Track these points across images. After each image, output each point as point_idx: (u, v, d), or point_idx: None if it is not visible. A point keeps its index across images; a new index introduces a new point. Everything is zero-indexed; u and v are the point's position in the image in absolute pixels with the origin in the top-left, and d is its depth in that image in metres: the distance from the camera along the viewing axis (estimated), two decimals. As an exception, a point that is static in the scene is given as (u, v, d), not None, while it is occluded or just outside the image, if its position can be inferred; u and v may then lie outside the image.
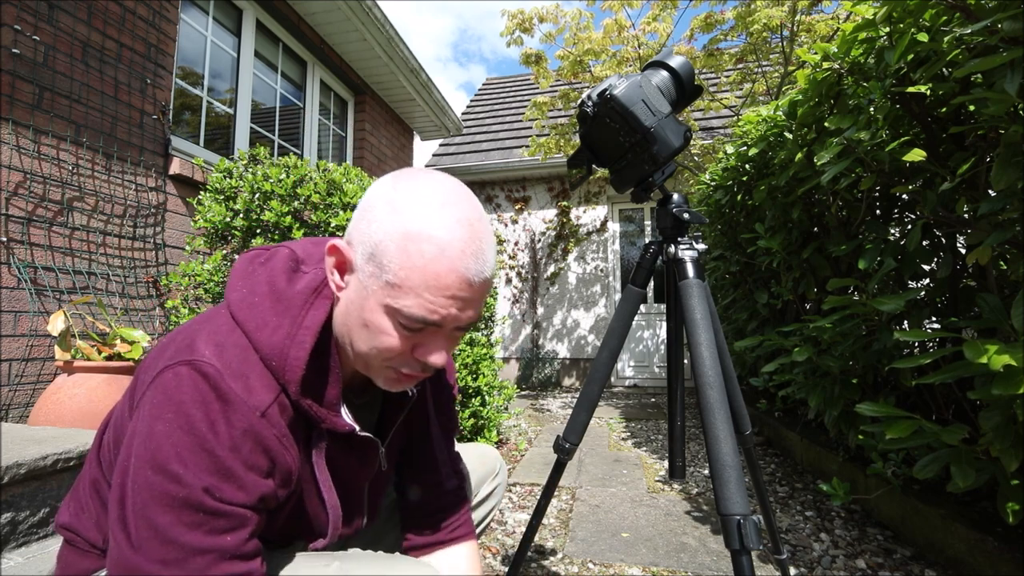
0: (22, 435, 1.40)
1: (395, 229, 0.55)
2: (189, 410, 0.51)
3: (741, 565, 0.73)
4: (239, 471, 0.52)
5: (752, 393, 3.19)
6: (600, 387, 1.05)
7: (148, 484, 0.49)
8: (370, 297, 0.57)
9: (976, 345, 0.99)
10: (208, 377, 0.53)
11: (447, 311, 0.56)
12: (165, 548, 0.48)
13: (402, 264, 0.54)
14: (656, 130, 0.89)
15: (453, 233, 0.55)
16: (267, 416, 0.55)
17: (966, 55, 1.16)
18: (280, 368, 0.57)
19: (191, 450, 0.50)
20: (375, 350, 0.59)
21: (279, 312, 0.60)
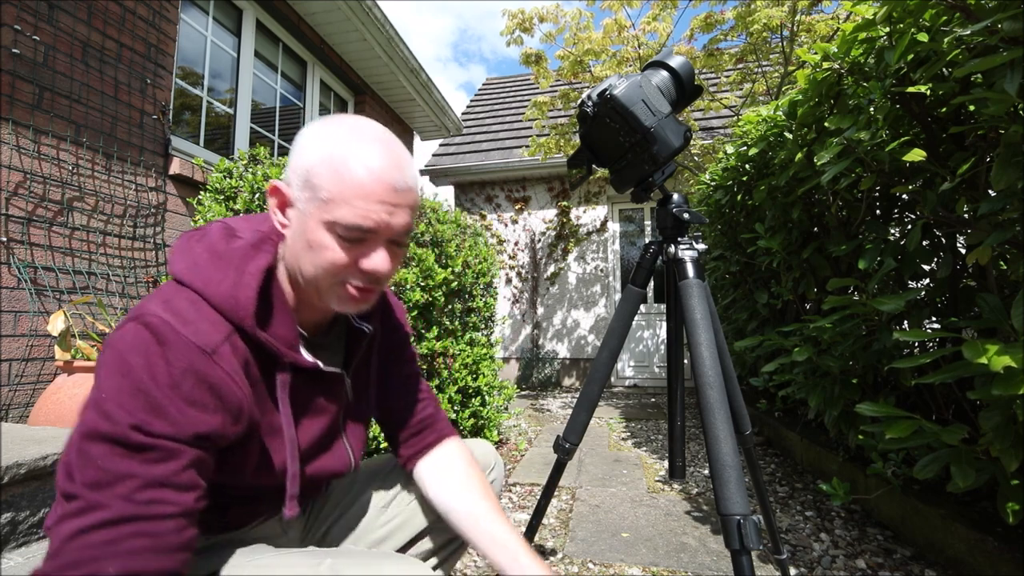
0: (22, 435, 1.40)
1: (323, 155, 0.62)
2: (128, 357, 0.55)
3: (741, 565, 0.73)
4: (173, 408, 0.55)
5: (752, 393, 3.19)
6: (600, 387, 1.05)
7: (84, 422, 0.54)
8: (310, 219, 0.63)
9: (975, 345, 0.99)
10: (150, 326, 0.57)
11: (378, 216, 0.62)
12: (96, 473, 0.52)
13: (332, 181, 0.61)
14: (656, 130, 0.89)
15: (372, 149, 0.63)
16: (216, 354, 0.59)
17: (966, 55, 1.16)
18: (231, 309, 0.61)
19: (128, 393, 0.54)
20: (322, 268, 0.64)
21: (222, 268, 0.64)
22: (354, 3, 3.53)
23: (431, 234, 2.31)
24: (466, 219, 2.81)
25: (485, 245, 2.88)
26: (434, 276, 2.17)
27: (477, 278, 2.63)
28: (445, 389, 2.22)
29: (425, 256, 2.16)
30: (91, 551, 0.50)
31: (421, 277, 2.15)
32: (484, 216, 6.57)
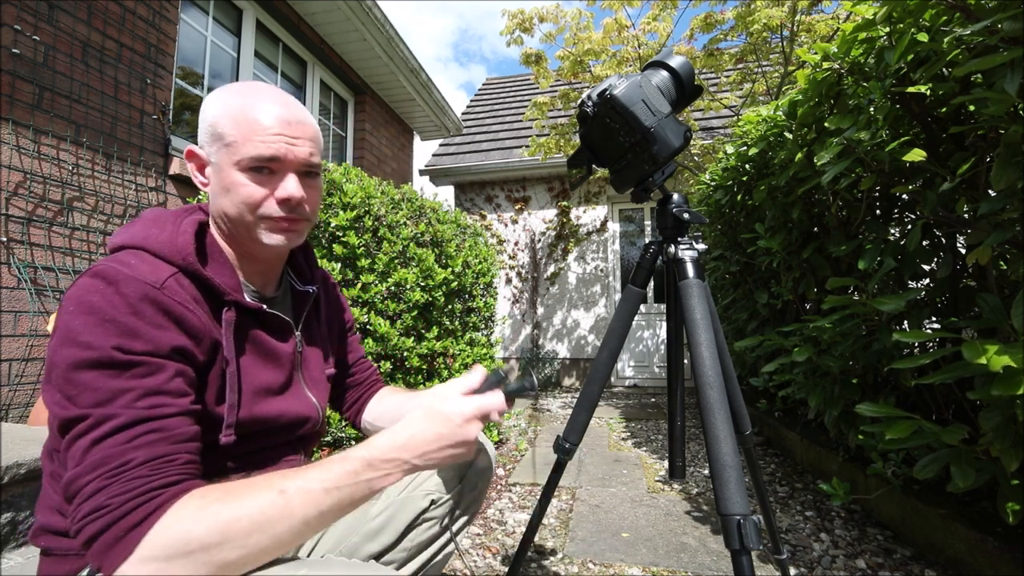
0: (22, 435, 1.40)
1: (222, 109, 0.70)
2: (87, 298, 0.59)
3: (741, 565, 0.73)
4: (143, 329, 0.59)
5: (752, 393, 3.19)
6: (600, 387, 1.05)
7: (66, 357, 0.56)
8: (223, 165, 0.70)
9: (975, 345, 0.99)
10: (98, 274, 0.60)
11: (279, 145, 0.70)
12: (93, 394, 0.55)
13: (233, 125, 0.69)
14: (656, 130, 0.89)
15: (263, 95, 0.72)
16: (164, 287, 0.62)
17: (966, 55, 1.16)
18: (171, 252, 0.66)
19: (95, 324, 0.57)
20: (243, 204, 0.70)
21: (159, 224, 0.69)
22: (354, 3, 3.53)
23: (431, 234, 2.31)
24: (466, 219, 2.81)
25: (485, 245, 2.88)
26: (434, 276, 2.17)
27: (477, 278, 2.63)
28: (445, 389, 2.22)
29: (425, 256, 2.16)
30: (114, 450, 0.54)
31: (421, 277, 2.15)
32: (484, 216, 6.57)
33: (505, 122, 7.62)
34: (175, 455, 0.57)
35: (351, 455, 0.61)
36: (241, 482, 0.57)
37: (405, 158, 5.33)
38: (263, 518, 0.53)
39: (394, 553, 0.87)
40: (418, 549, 0.90)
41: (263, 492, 0.55)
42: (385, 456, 0.62)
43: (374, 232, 2.10)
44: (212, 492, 0.55)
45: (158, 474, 0.54)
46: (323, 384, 0.88)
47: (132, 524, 0.51)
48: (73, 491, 0.53)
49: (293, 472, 0.59)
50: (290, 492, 0.56)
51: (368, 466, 0.61)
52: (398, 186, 2.41)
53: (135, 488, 0.53)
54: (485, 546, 1.67)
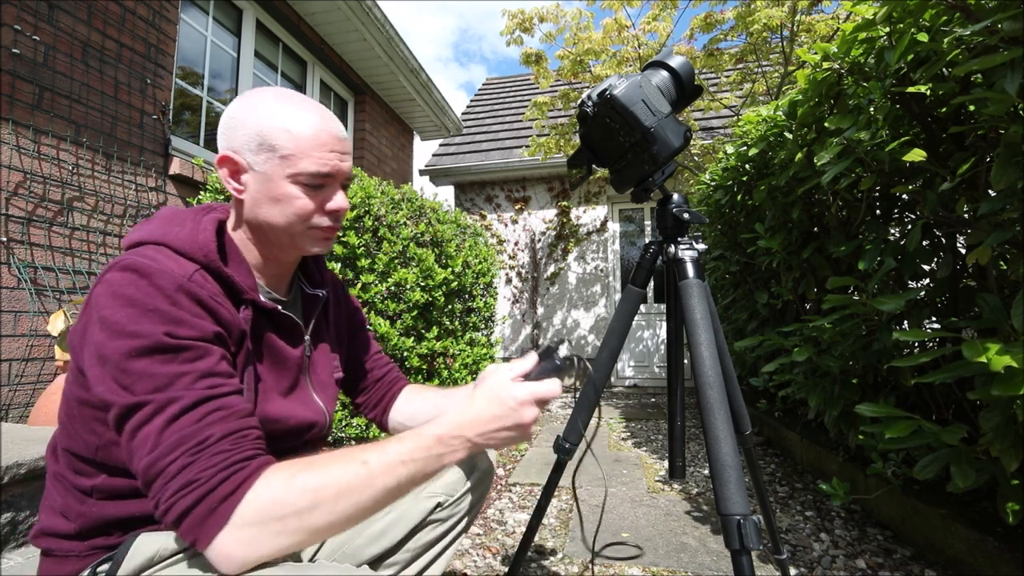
0: (22, 435, 1.40)
1: (271, 120, 0.70)
2: (124, 291, 0.59)
3: (741, 565, 0.73)
4: (186, 317, 0.60)
5: (752, 393, 3.19)
6: (600, 387, 1.05)
7: (118, 349, 0.57)
8: (273, 176, 0.71)
9: (975, 345, 0.99)
10: (130, 267, 0.61)
11: (333, 163, 0.72)
12: (151, 380, 0.56)
13: (289, 138, 0.70)
14: (656, 130, 0.89)
15: (308, 108, 0.73)
16: (192, 280, 0.63)
17: (966, 55, 1.16)
18: (193, 249, 0.66)
19: (140, 315, 0.58)
20: (293, 216, 0.72)
21: (178, 223, 0.70)
22: (354, 3, 3.53)
23: (431, 234, 2.31)
24: (466, 219, 2.81)
25: (485, 245, 2.88)
26: (434, 276, 2.17)
27: (477, 278, 2.63)
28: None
29: (425, 256, 2.16)
30: (189, 429, 0.55)
31: (421, 277, 2.14)
32: (484, 216, 6.57)
33: (505, 122, 7.62)
34: (247, 430, 0.59)
35: (423, 431, 0.65)
36: (322, 455, 0.60)
37: (405, 158, 5.33)
38: (348, 486, 0.57)
39: (399, 554, 0.88)
40: (422, 550, 0.90)
41: (347, 463, 0.58)
42: (452, 433, 0.66)
43: (374, 232, 2.10)
44: (297, 464, 0.58)
45: (238, 448, 0.56)
46: (331, 388, 0.89)
47: (224, 495, 0.53)
48: (154, 474, 0.54)
49: (371, 445, 0.62)
50: (372, 463, 0.59)
51: (438, 441, 0.64)
52: (398, 186, 2.41)
53: (221, 462, 0.54)
54: (485, 546, 1.67)
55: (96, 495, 0.66)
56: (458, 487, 0.94)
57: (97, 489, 0.66)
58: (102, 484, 0.66)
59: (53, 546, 0.67)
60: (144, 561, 0.64)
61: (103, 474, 0.66)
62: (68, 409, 0.68)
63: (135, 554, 0.64)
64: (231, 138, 0.72)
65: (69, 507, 0.67)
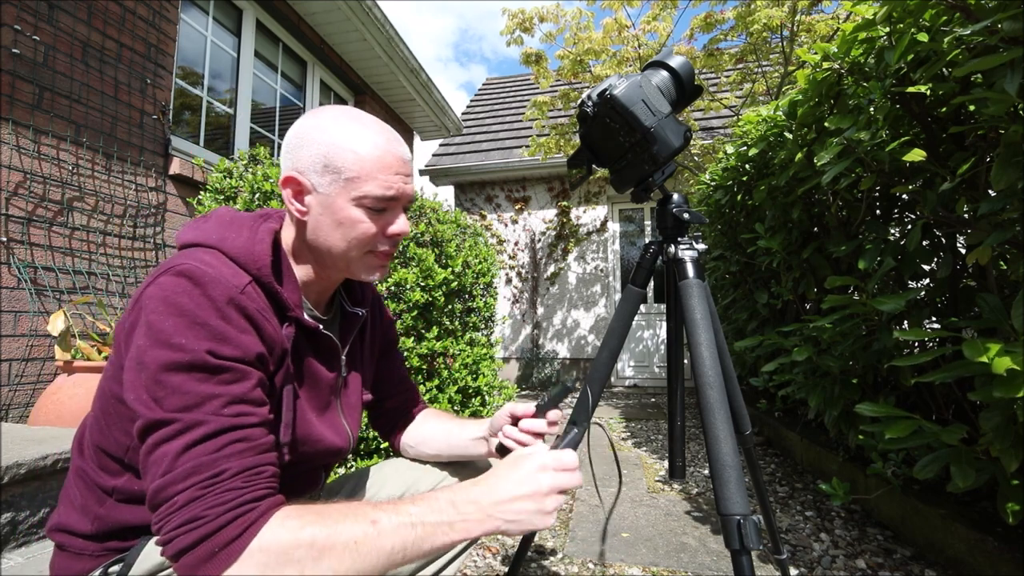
0: (22, 435, 1.40)
1: (336, 141, 0.68)
2: (175, 299, 0.58)
3: (741, 565, 0.73)
4: (232, 334, 0.59)
5: (752, 393, 3.19)
6: (600, 387, 1.05)
7: (157, 359, 0.56)
8: (337, 199, 0.69)
9: (976, 344, 0.99)
10: (183, 272, 0.60)
11: (399, 185, 0.71)
12: (182, 398, 0.55)
13: (355, 160, 0.68)
14: (656, 130, 0.89)
15: (375, 129, 0.71)
16: (245, 292, 0.62)
17: (966, 55, 1.16)
18: (248, 260, 0.65)
19: (187, 327, 0.57)
20: (355, 240, 0.71)
21: (235, 228, 0.68)
22: (354, 3, 3.53)
23: (431, 234, 2.31)
24: (466, 219, 2.81)
25: (485, 245, 2.88)
26: (434, 276, 2.17)
27: (477, 278, 2.63)
28: (445, 389, 2.22)
29: (425, 256, 2.16)
30: (207, 457, 0.54)
31: (421, 277, 2.14)
32: (484, 216, 6.57)
33: (505, 122, 7.62)
34: (263, 467, 0.57)
35: (438, 495, 0.61)
36: (333, 507, 0.57)
37: (405, 158, 5.33)
38: (355, 545, 0.54)
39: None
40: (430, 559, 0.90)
41: (356, 520, 0.56)
42: (469, 499, 0.61)
43: (374, 232, 2.10)
44: (306, 513, 0.56)
45: (251, 486, 0.55)
46: (358, 410, 0.88)
47: (230, 538, 0.51)
48: (162, 499, 0.53)
49: (385, 504, 0.59)
50: (381, 523, 0.56)
51: (451, 505, 0.60)
52: (398, 186, 2.41)
53: (230, 500, 0.53)
54: (485, 546, 1.67)
55: (116, 496, 0.66)
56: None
57: (118, 490, 0.66)
58: (124, 485, 0.66)
59: (68, 542, 0.68)
60: (155, 565, 0.64)
61: (128, 474, 0.66)
62: (104, 404, 0.67)
63: (146, 558, 0.65)
64: (296, 157, 0.70)
65: (88, 507, 0.67)
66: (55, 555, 0.69)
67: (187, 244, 0.67)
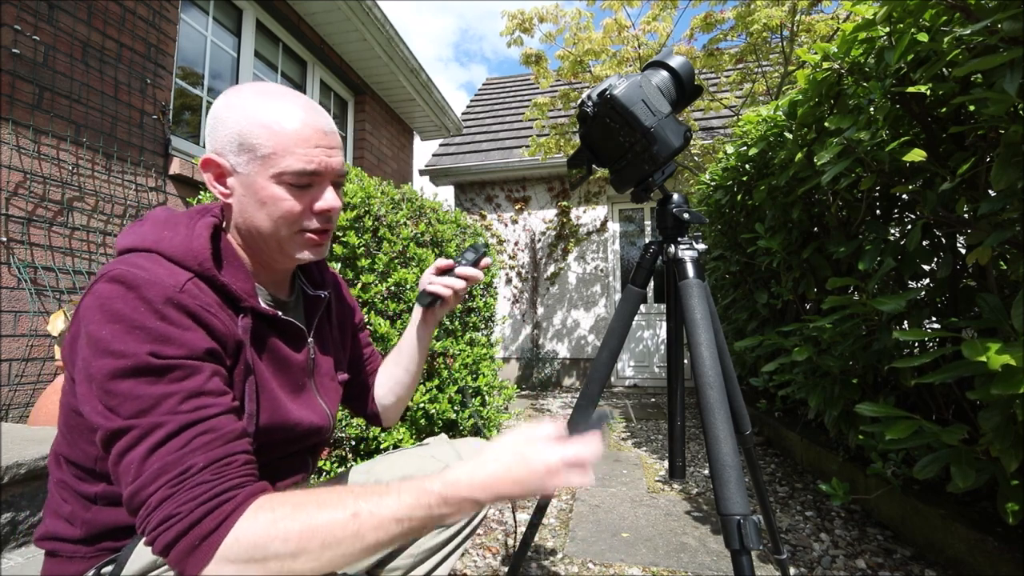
0: (22, 435, 1.40)
1: (250, 117, 0.66)
2: (110, 305, 0.57)
3: (741, 565, 0.73)
4: (174, 333, 0.58)
5: (752, 393, 3.19)
6: (600, 387, 1.05)
7: (102, 368, 0.55)
8: (256, 178, 0.67)
9: (975, 344, 0.99)
10: (117, 278, 0.58)
11: (319, 158, 0.67)
12: (135, 403, 0.54)
13: (269, 136, 0.65)
14: (656, 130, 0.89)
15: (290, 101, 0.68)
16: (184, 291, 0.60)
17: (966, 55, 1.16)
18: (186, 257, 0.63)
19: (124, 332, 0.56)
20: (280, 219, 0.68)
21: (171, 227, 0.66)
22: (354, 3, 3.53)
23: (431, 234, 2.31)
24: (466, 219, 2.81)
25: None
26: (434, 276, 2.17)
27: (477, 278, 2.63)
28: (445, 389, 2.22)
29: (425, 256, 2.16)
30: (172, 456, 0.53)
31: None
32: (484, 216, 6.57)
33: (505, 122, 7.62)
34: (233, 456, 0.57)
35: (427, 487, 0.57)
36: (312, 496, 0.55)
37: (405, 158, 5.33)
38: (334, 538, 0.53)
39: (400, 559, 0.87)
40: (425, 555, 0.90)
41: (336, 511, 0.54)
42: (463, 495, 0.57)
43: (374, 232, 2.10)
44: (283, 505, 0.54)
45: (220, 478, 0.54)
46: (335, 391, 0.87)
47: (206, 532, 0.51)
48: (137, 503, 0.53)
49: (366, 493, 0.56)
50: (363, 516, 0.54)
51: (443, 502, 0.57)
52: (398, 186, 2.41)
53: (201, 494, 0.52)
54: (485, 546, 1.67)
55: (101, 501, 0.66)
56: None
57: (101, 496, 0.66)
58: (104, 491, 0.66)
59: (58, 548, 0.67)
60: (147, 564, 0.64)
61: (103, 483, 0.66)
62: (66, 419, 0.67)
63: (138, 556, 0.64)
64: (213, 139, 0.68)
65: (75, 514, 0.67)
66: (46, 562, 0.69)
67: (124, 249, 0.66)
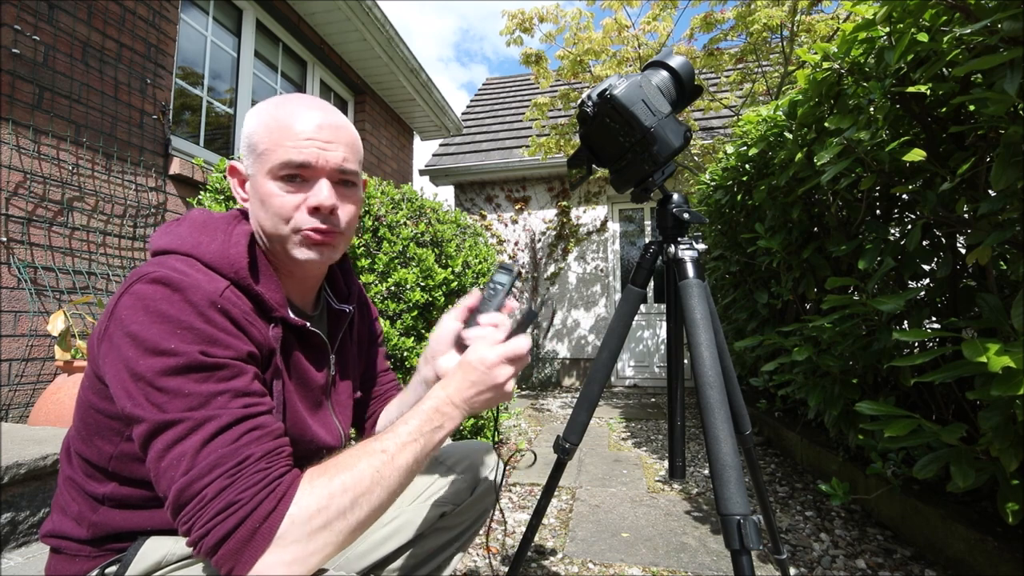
0: (22, 435, 1.40)
1: (259, 120, 0.69)
2: (156, 306, 0.57)
3: (741, 565, 0.73)
4: (220, 336, 0.59)
5: (752, 393, 3.19)
6: (600, 387, 1.05)
7: (151, 367, 0.55)
8: (257, 176, 0.68)
9: (975, 344, 0.99)
10: (161, 280, 0.59)
11: (310, 150, 0.67)
12: (186, 400, 0.55)
13: (266, 134, 0.67)
14: (656, 130, 0.89)
15: (297, 101, 0.70)
16: (224, 297, 0.61)
17: (966, 55, 1.16)
18: (224, 265, 0.64)
19: (173, 332, 0.56)
20: (275, 215, 0.68)
21: (209, 232, 0.67)
22: (354, 3, 3.53)
23: (431, 234, 2.31)
24: (466, 219, 2.81)
25: (485, 245, 2.88)
26: (434, 276, 2.17)
27: (477, 278, 2.63)
28: (445, 389, 2.22)
29: (425, 256, 2.16)
30: (226, 449, 0.54)
31: (421, 277, 2.14)
32: (484, 216, 6.57)
33: (505, 122, 7.62)
34: (281, 448, 0.59)
35: (422, 408, 0.65)
36: (341, 456, 0.60)
37: (405, 158, 5.33)
38: (379, 476, 0.58)
39: (403, 559, 0.87)
40: (427, 557, 0.90)
41: (370, 455, 0.59)
42: (444, 403, 0.66)
43: (374, 232, 2.10)
44: (323, 469, 0.58)
45: (274, 465, 0.56)
46: (349, 408, 0.88)
47: (267, 512, 0.52)
48: (188, 497, 0.52)
49: (382, 434, 0.63)
50: (391, 450, 0.60)
51: (437, 412, 0.65)
52: (398, 186, 2.41)
53: (261, 480, 0.54)
54: (485, 546, 1.67)
55: (108, 503, 0.66)
56: (463, 496, 0.94)
57: (109, 497, 0.66)
58: (113, 492, 0.66)
59: (63, 546, 0.67)
60: (152, 564, 0.64)
61: (113, 483, 0.66)
62: (83, 415, 0.67)
63: (143, 557, 0.64)
64: (238, 147, 0.72)
65: (83, 515, 0.67)
66: (51, 558, 0.69)
67: (160, 251, 0.66)
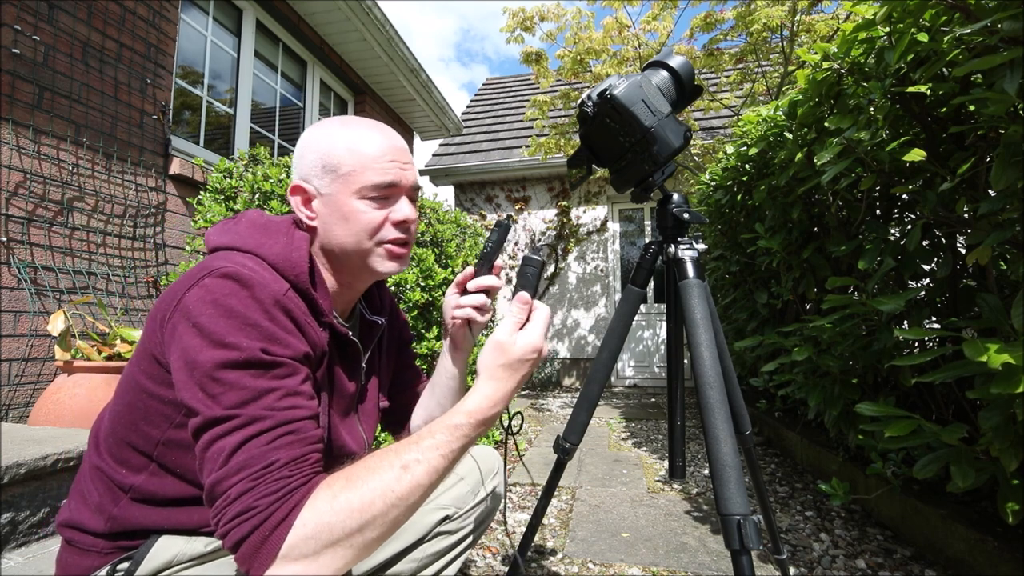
0: (22, 435, 1.40)
1: (331, 142, 0.73)
2: (224, 301, 0.60)
3: (741, 565, 0.73)
4: (281, 334, 0.61)
5: (752, 393, 3.19)
6: (600, 387, 1.05)
7: (213, 358, 0.57)
8: (339, 196, 0.72)
9: (976, 344, 0.99)
10: (231, 275, 0.61)
11: (396, 171, 0.73)
12: (239, 394, 0.56)
13: (349, 156, 0.72)
14: (656, 130, 0.89)
15: (367, 126, 0.75)
16: (287, 296, 0.64)
17: (966, 55, 1.16)
18: (286, 267, 0.67)
19: (238, 327, 0.59)
20: (362, 232, 0.72)
21: (270, 235, 0.70)
22: (354, 3, 3.53)
23: (431, 234, 2.31)
24: (466, 219, 2.81)
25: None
26: (434, 276, 2.17)
27: (477, 278, 2.63)
28: (445, 389, 2.22)
29: (425, 256, 2.16)
30: (258, 451, 0.55)
31: (421, 277, 2.14)
32: (484, 216, 6.57)
33: (505, 122, 7.62)
34: (309, 455, 0.58)
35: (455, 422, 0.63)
36: (359, 466, 0.58)
37: (405, 158, 5.33)
38: (395, 495, 0.56)
39: (404, 563, 0.88)
40: (430, 560, 0.90)
41: (386, 471, 0.57)
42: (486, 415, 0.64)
43: (374, 232, 2.10)
44: (337, 480, 0.57)
45: (297, 474, 0.56)
46: (374, 418, 0.89)
47: (277, 521, 0.53)
48: (218, 492, 0.54)
49: (407, 446, 0.60)
50: (412, 466, 0.58)
51: (473, 428, 0.63)
52: (398, 186, 2.42)
53: (280, 489, 0.54)
54: (485, 546, 1.67)
55: (131, 495, 0.66)
56: (467, 501, 0.94)
57: (134, 488, 0.66)
58: (142, 484, 0.66)
59: (78, 539, 0.68)
60: (163, 563, 0.64)
61: (146, 472, 0.66)
62: (131, 399, 0.67)
63: (155, 555, 0.65)
64: (300, 167, 0.74)
65: (103, 506, 0.67)
66: (63, 550, 0.69)
67: (220, 247, 0.68)
